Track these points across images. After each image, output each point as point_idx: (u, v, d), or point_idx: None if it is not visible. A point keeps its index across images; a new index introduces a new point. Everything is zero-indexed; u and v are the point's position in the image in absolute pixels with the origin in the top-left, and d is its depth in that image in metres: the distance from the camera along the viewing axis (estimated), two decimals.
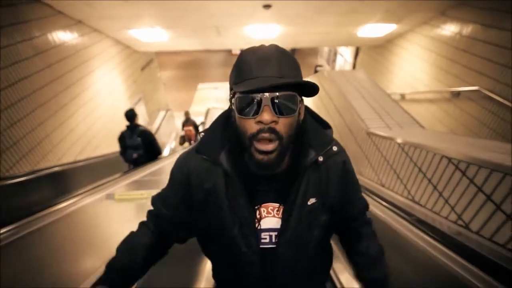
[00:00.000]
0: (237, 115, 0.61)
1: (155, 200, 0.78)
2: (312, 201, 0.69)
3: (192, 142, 7.34)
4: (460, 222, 1.41)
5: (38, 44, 3.49)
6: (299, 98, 0.61)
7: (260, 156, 0.61)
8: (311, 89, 0.60)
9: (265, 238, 0.70)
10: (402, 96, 5.49)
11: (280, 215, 0.69)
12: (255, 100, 0.58)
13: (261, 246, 0.69)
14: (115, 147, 4.87)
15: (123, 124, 3.77)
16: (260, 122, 0.58)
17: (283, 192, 0.68)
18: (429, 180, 1.72)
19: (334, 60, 10.32)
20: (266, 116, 0.57)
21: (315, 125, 0.74)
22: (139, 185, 2.73)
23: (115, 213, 2.00)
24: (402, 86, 5.68)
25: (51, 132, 3.64)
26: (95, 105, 4.79)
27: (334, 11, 4.41)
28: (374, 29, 5.23)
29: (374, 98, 2.92)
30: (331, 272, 1.91)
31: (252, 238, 0.68)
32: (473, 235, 1.29)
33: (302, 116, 0.68)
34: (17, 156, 3.03)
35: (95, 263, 1.29)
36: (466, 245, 1.27)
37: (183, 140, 7.51)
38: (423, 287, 1.25)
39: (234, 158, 0.67)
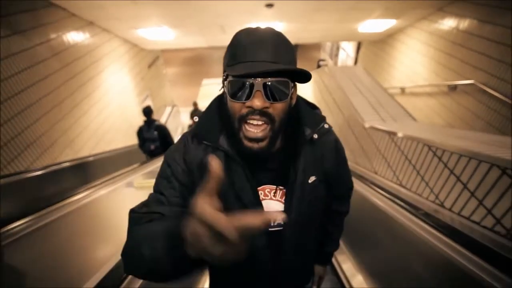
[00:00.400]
0: (228, 98, 0.60)
1: (146, 211, 0.62)
2: (312, 179, 0.70)
3: None
4: (437, 201, 1.62)
5: (54, 46, 3.71)
6: (291, 84, 0.60)
7: (249, 144, 0.60)
8: (304, 76, 0.58)
9: None
10: (402, 90, 5.60)
11: (277, 198, 0.69)
12: (247, 85, 0.56)
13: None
14: (125, 142, 5.14)
15: (133, 120, 4.01)
16: (250, 107, 0.58)
17: (280, 172, 0.68)
18: (414, 166, 1.92)
19: (336, 55, 10.40)
20: (257, 101, 0.56)
21: (306, 106, 0.76)
22: (156, 174, 2.96)
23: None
24: (403, 80, 5.79)
25: (68, 128, 3.89)
26: (106, 102, 5.03)
27: (334, 8, 4.55)
28: (374, 25, 5.34)
29: (371, 93, 3.10)
30: (334, 262, 2.08)
31: None
32: (446, 211, 1.49)
33: (294, 101, 0.68)
34: (40, 151, 3.28)
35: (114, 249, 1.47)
36: (443, 221, 1.46)
37: (192, 124, 7.99)
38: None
39: (233, 142, 0.65)
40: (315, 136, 0.70)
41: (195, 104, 7.88)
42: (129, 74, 6.09)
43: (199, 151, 0.67)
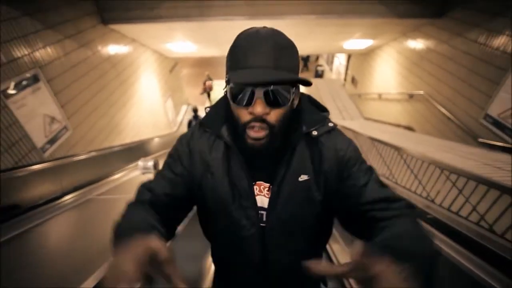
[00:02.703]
0: (231, 102, 0.62)
1: (150, 186, 0.72)
2: (304, 177, 0.67)
3: (209, 91, 11.11)
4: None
5: (112, 59, 5.02)
6: (292, 90, 0.60)
7: (251, 142, 0.62)
8: (305, 81, 0.59)
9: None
10: (379, 96, 6.85)
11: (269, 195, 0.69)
12: (248, 93, 0.58)
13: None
14: (152, 134, 6.52)
15: (158, 117, 5.27)
16: (252, 113, 0.59)
17: (272, 169, 0.68)
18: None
19: (332, 62, 11.66)
20: (258, 108, 0.58)
21: (311, 107, 0.74)
22: None
23: None
24: (380, 87, 7.04)
25: (117, 123, 5.19)
26: (142, 103, 6.34)
27: (324, 30, 5.82)
28: (356, 43, 6.61)
29: (341, 101, 4.34)
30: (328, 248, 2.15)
31: (251, 211, 0.68)
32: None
33: (296, 101, 0.68)
34: (103, 138, 4.59)
35: None
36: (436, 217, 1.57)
37: (204, 90, 11.08)
38: None
39: (233, 133, 0.68)
40: (314, 132, 0.67)
41: (208, 76, 11.36)
42: (156, 79, 7.41)
43: (204, 138, 0.73)
